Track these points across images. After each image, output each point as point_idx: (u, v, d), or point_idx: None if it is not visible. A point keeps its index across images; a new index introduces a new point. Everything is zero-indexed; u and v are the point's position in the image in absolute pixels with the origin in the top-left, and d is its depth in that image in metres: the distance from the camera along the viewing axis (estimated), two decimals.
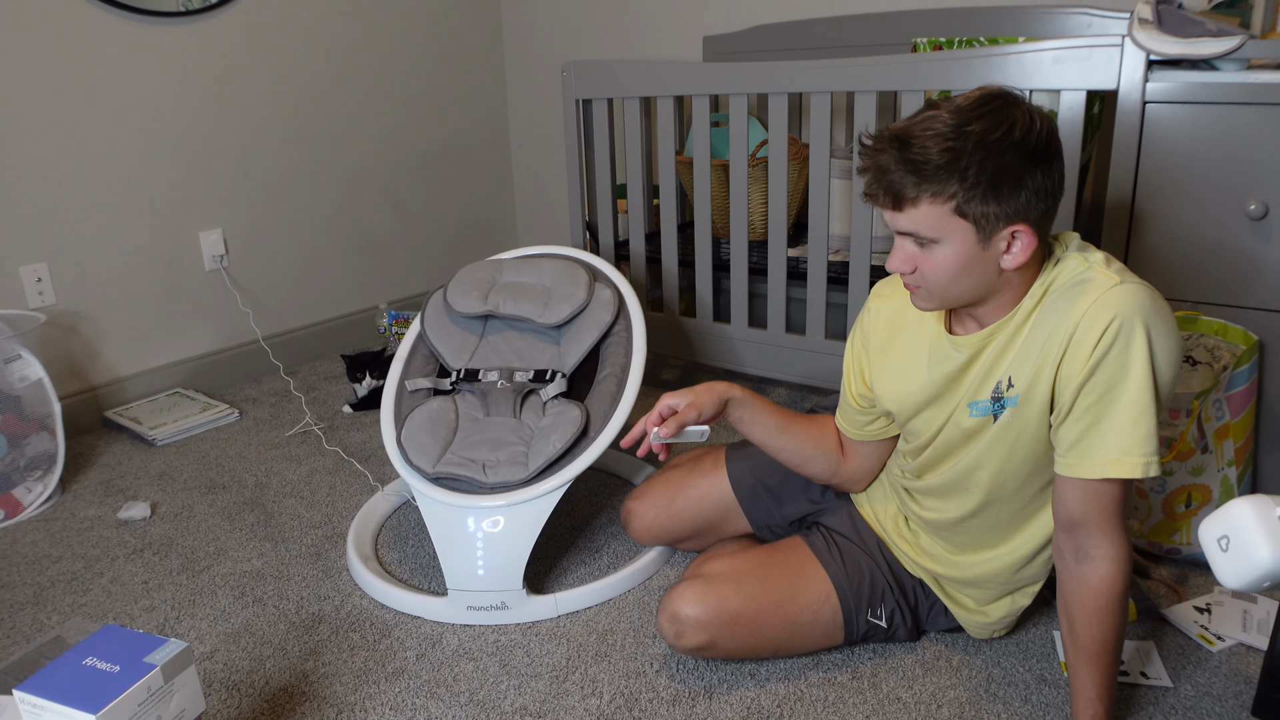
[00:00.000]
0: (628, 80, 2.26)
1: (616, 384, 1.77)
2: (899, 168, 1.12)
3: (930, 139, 1.10)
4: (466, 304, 1.90)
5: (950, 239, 1.14)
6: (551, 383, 1.80)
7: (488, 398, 1.79)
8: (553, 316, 1.86)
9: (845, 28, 2.49)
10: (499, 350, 1.89)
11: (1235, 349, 1.63)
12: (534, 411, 1.77)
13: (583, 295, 1.87)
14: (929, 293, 1.20)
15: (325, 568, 1.78)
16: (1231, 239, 1.66)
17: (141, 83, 2.43)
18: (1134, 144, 1.70)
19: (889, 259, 1.21)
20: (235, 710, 1.40)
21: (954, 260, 1.15)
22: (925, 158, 1.10)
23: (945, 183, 1.10)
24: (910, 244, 1.18)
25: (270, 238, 2.80)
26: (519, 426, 1.73)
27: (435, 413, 1.75)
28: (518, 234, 3.62)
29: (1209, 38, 1.61)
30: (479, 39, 3.30)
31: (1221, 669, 1.42)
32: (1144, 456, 1.13)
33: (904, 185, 1.12)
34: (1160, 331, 1.12)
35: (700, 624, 1.37)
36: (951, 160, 1.09)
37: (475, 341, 1.90)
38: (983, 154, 1.09)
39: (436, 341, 1.89)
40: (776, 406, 1.49)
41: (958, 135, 1.09)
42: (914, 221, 1.14)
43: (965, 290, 1.19)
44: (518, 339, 1.90)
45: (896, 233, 1.18)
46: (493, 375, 1.82)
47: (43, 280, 2.32)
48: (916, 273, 1.19)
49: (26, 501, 2.03)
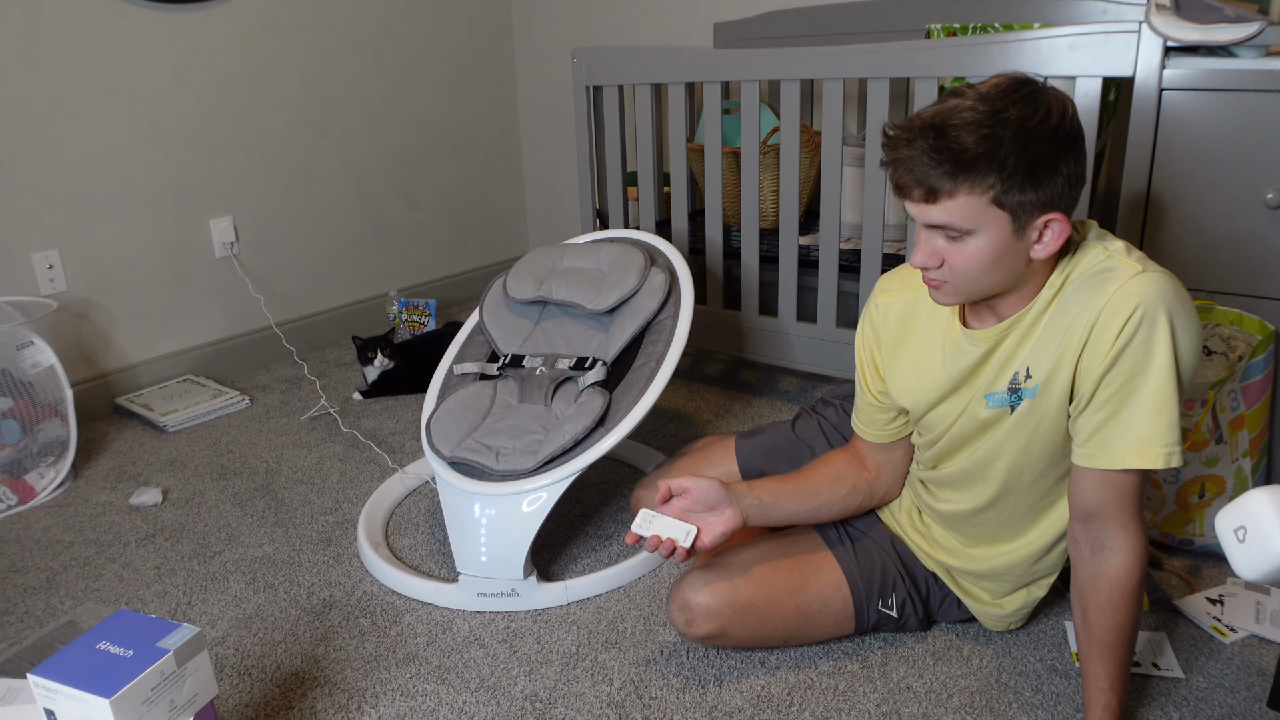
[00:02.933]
0: (638, 67, 2.24)
1: (648, 375, 1.73)
2: (933, 158, 1.06)
3: (965, 128, 1.05)
4: (521, 290, 1.90)
5: (985, 230, 1.09)
6: (591, 370, 1.77)
7: (524, 384, 1.79)
8: (602, 303, 1.83)
9: (858, 14, 2.47)
10: (549, 337, 1.88)
11: (1251, 339, 1.61)
12: (565, 399, 1.76)
13: (633, 281, 1.83)
14: (954, 287, 1.16)
15: (336, 554, 1.78)
16: (1248, 228, 1.65)
17: (153, 70, 2.43)
18: (1150, 132, 1.68)
19: (913, 254, 1.15)
20: (247, 695, 1.41)
21: (987, 252, 1.10)
22: (962, 147, 1.04)
23: (984, 173, 1.05)
24: (939, 237, 1.12)
25: (280, 225, 2.80)
26: (546, 414, 1.73)
27: (469, 397, 1.76)
28: (527, 221, 3.61)
29: (1227, 24, 1.59)
30: (489, 26, 3.29)
31: (1234, 661, 1.41)
32: (1166, 447, 1.11)
33: (939, 177, 1.06)
34: (1183, 321, 1.10)
35: (711, 612, 1.37)
36: (991, 149, 1.04)
37: (529, 328, 1.90)
38: (1022, 141, 1.05)
39: (492, 328, 1.90)
40: (780, 477, 1.44)
41: (995, 122, 1.05)
42: (949, 214, 1.08)
43: (993, 283, 1.14)
44: (569, 325, 1.89)
45: (926, 226, 1.13)
46: (536, 361, 1.82)
47: (54, 267, 2.33)
48: (944, 267, 1.14)
49: (39, 487, 2.04)
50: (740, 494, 1.37)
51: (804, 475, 1.45)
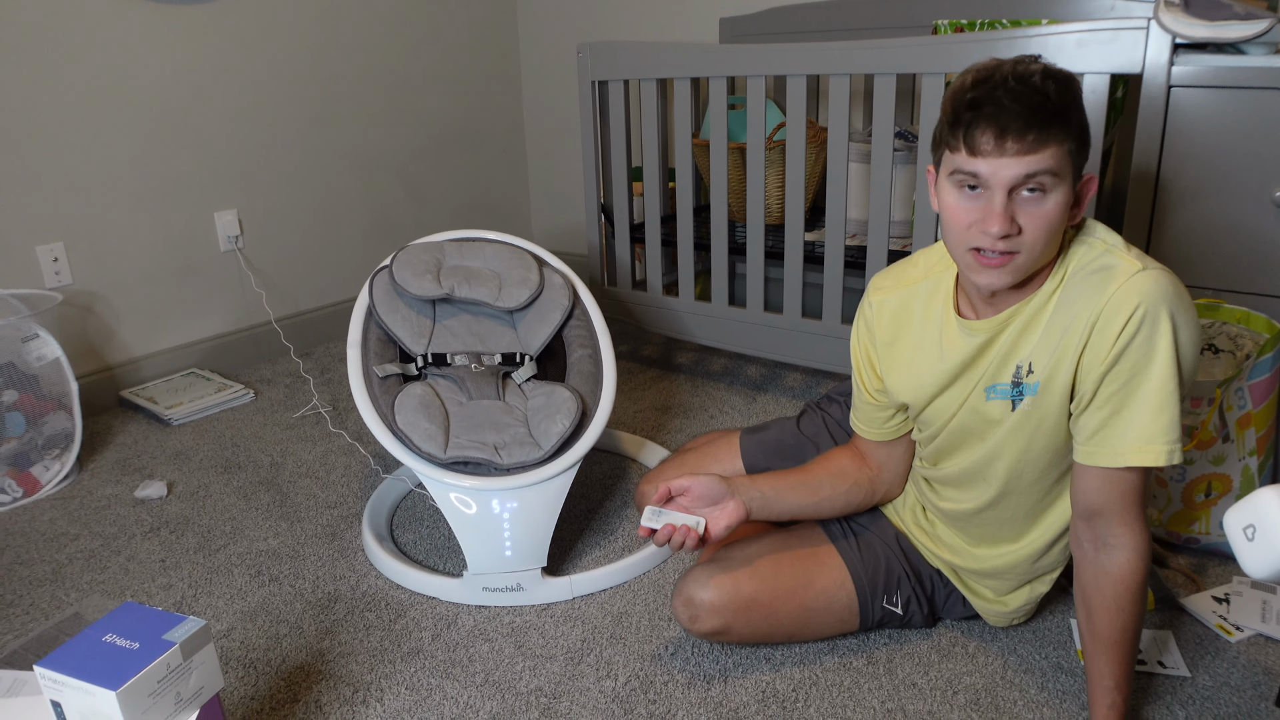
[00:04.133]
0: (644, 62, 2.24)
1: (593, 364, 1.82)
2: (1034, 104, 1.05)
3: (1043, 80, 1.06)
4: (420, 286, 1.86)
5: (1064, 184, 1.09)
6: (523, 366, 1.84)
7: (465, 381, 1.79)
8: (510, 300, 1.88)
9: (864, 9, 2.46)
10: (457, 334, 1.88)
11: (1258, 337, 1.61)
12: (515, 394, 1.78)
13: (536, 279, 1.92)
14: (1026, 258, 1.11)
15: (341, 548, 1.78)
16: (1256, 226, 1.64)
17: (157, 63, 2.43)
18: (1158, 129, 1.68)
19: (990, 219, 1.08)
20: (252, 688, 1.41)
21: (1060, 209, 1.09)
22: (1056, 95, 1.06)
23: (1070, 121, 1.07)
24: (1018, 200, 1.08)
25: (285, 219, 2.80)
26: (508, 408, 1.73)
27: (423, 397, 1.72)
28: (531, 216, 3.61)
29: (1236, 20, 1.59)
30: (494, 21, 3.28)
31: (1240, 659, 1.41)
32: (1168, 444, 1.12)
33: (1044, 121, 1.05)
34: (1184, 319, 1.11)
35: (715, 608, 1.37)
36: (1072, 100, 1.07)
37: (429, 325, 1.89)
38: (1080, 99, 1.09)
39: (392, 324, 1.85)
40: (782, 471, 1.45)
41: (1061, 79, 1.07)
42: (1046, 161, 1.06)
43: (1050, 250, 1.13)
44: (473, 322, 1.91)
45: (1002, 184, 1.07)
46: (462, 359, 1.82)
47: (59, 260, 2.33)
48: (1021, 233, 1.09)
49: (44, 480, 2.04)
50: (742, 487, 1.38)
51: (806, 470, 1.45)
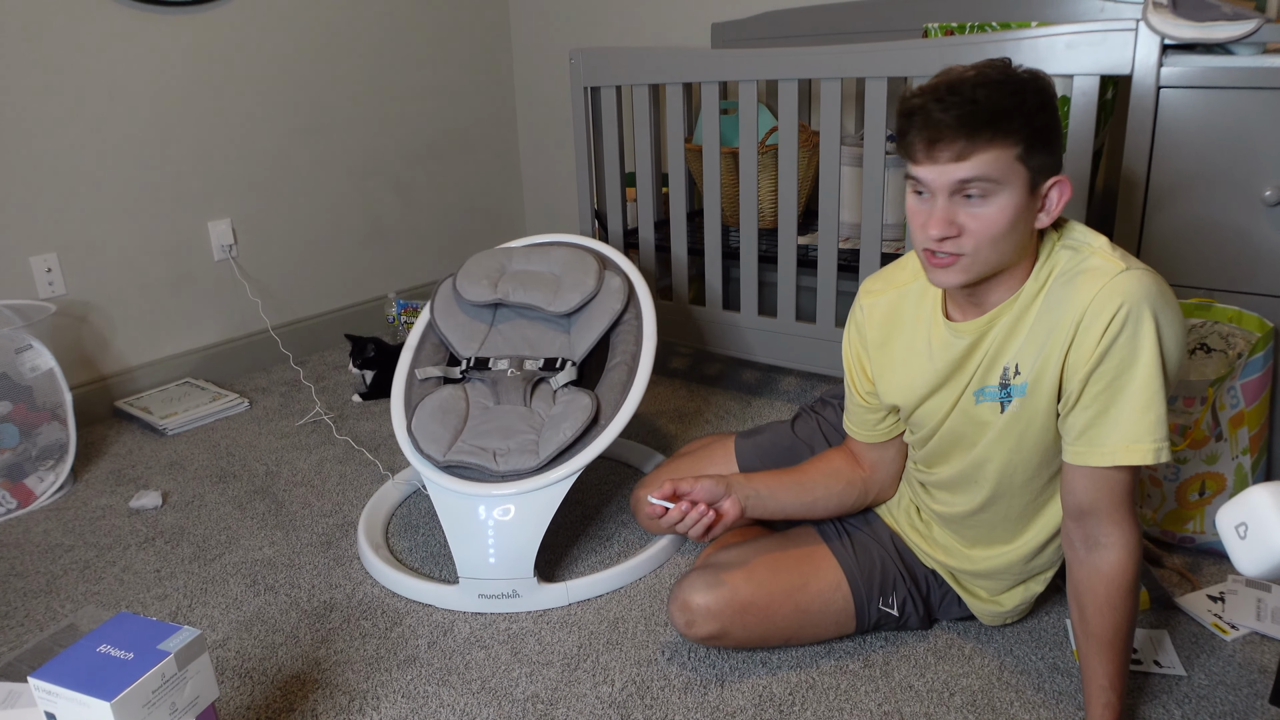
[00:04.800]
0: (636, 67, 2.24)
1: (627, 372, 1.76)
2: (962, 113, 1.07)
3: (992, 85, 1.08)
4: (476, 292, 1.89)
5: (1009, 188, 1.10)
6: (561, 371, 1.80)
7: (498, 386, 1.79)
8: (562, 305, 1.85)
9: (855, 13, 2.47)
10: (509, 339, 1.88)
11: (1250, 336, 1.61)
12: (544, 400, 1.77)
13: (592, 283, 1.86)
14: (968, 260, 1.13)
15: (336, 556, 1.78)
16: (1246, 226, 1.65)
17: (150, 72, 2.43)
18: (1148, 129, 1.68)
19: (930, 223, 1.12)
20: (248, 697, 1.41)
21: (1009, 213, 1.10)
22: (994, 102, 1.07)
23: (1010, 127, 1.08)
24: (958, 204, 1.11)
25: (279, 227, 2.80)
26: (529, 415, 1.73)
27: (445, 401, 1.75)
28: (525, 222, 3.61)
29: (1225, 21, 1.59)
30: (486, 26, 3.29)
31: (1235, 658, 1.41)
32: (1154, 443, 1.12)
33: (973, 130, 1.07)
34: (1167, 318, 1.11)
35: (711, 613, 1.37)
36: (1017, 104, 1.08)
37: (485, 330, 1.90)
38: (1039, 99, 1.10)
39: (446, 330, 1.89)
40: (777, 470, 1.46)
41: (1015, 82, 1.09)
42: (981, 167, 1.08)
43: (1005, 254, 1.14)
44: (527, 327, 1.90)
45: (944, 189, 1.11)
46: (503, 364, 1.82)
47: (53, 270, 2.33)
48: (962, 236, 1.12)
49: (38, 491, 2.04)
50: (738, 485, 1.39)
51: (800, 470, 1.46)
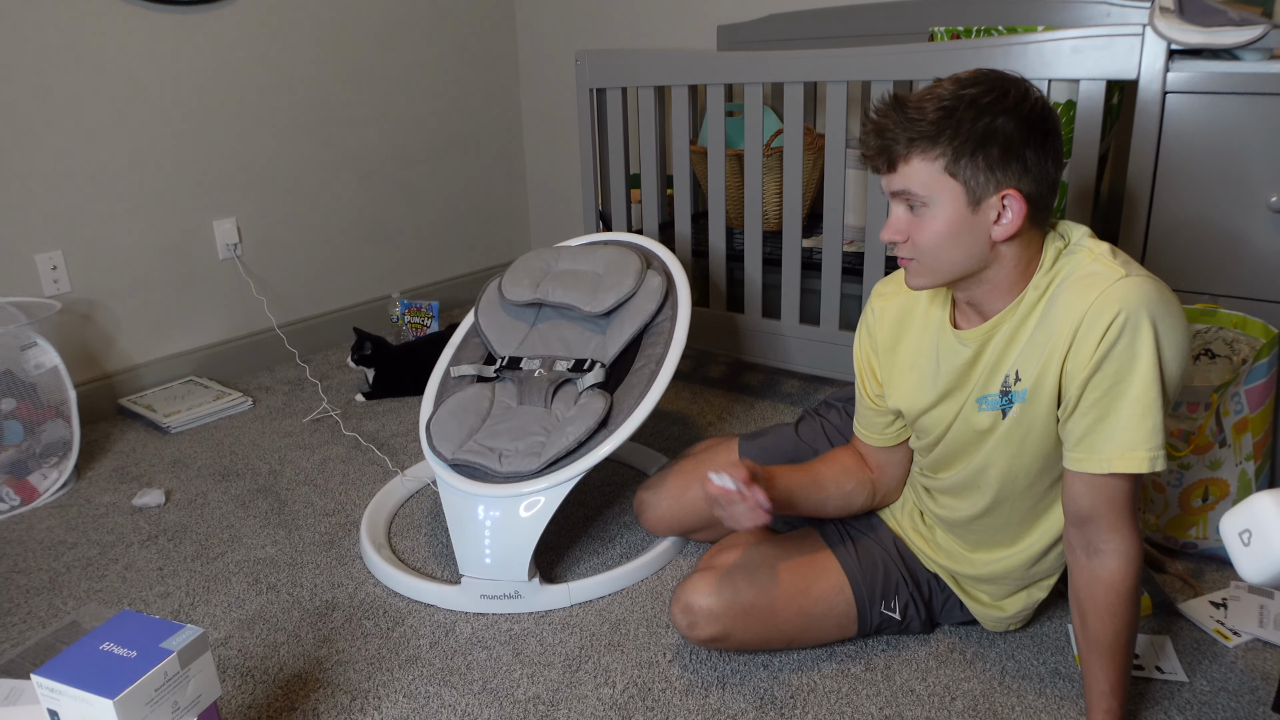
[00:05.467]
0: (642, 69, 2.24)
1: (648, 377, 1.73)
2: (894, 127, 1.13)
3: (927, 101, 1.13)
4: (517, 292, 1.90)
5: (940, 201, 1.14)
6: (590, 372, 1.78)
7: (523, 386, 1.79)
8: (598, 305, 1.83)
9: (861, 16, 2.47)
10: (546, 339, 1.89)
11: (1255, 342, 1.61)
12: (565, 401, 1.76)
13: (630, 284, 1.83)
14: (920, 265, 1.19)
15: (339, 555, 1.78)
16: (1252, 231, 1.65)
17: (156, 72, 2.43)
18: (1154, 134, 1.68)
19: (883, 229, 1.20)
20: (250, 696, 1.41)
21: (944, 224, 1.14)
22: (920, 115, 1.12)
23: (935, 139, 1.11)
24: (903, 210, 1.18)
25: (283, 226, 2.80)
26: (546, 416, 1.73)
27: (468, 399, 1.76)
28: (530, 223, 3.61)
29: (1231, 27, 1.59)
30: (492, 27, 3.29)
31: (1237, 664, 1.41)
32: (1150, 451, 1.12)
33: (897, 142, 1.13)
34: (1167, 325, 1.10)
35: (713, 615, 1.37)
36: (943, 117, 1.11)
37: (525, 330, 1.90)
38: (974, 113, 1.10)
39: (488, 330, 1.90)
40: (790, 466, 1.45)
41: (953, 98, 1.12)
42: (905, 179, 1.14)
43: (957, 261, 1.17)
44: (566, 328, 1.89)
45: (891, 198, 1.19)
46: (533, 364, 1.82)
47: (58, 268, 2.33)
48: (909, 242, 1.18)
49: (42, 488, 2.04)
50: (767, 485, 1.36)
51: (812, 468, 1.46)
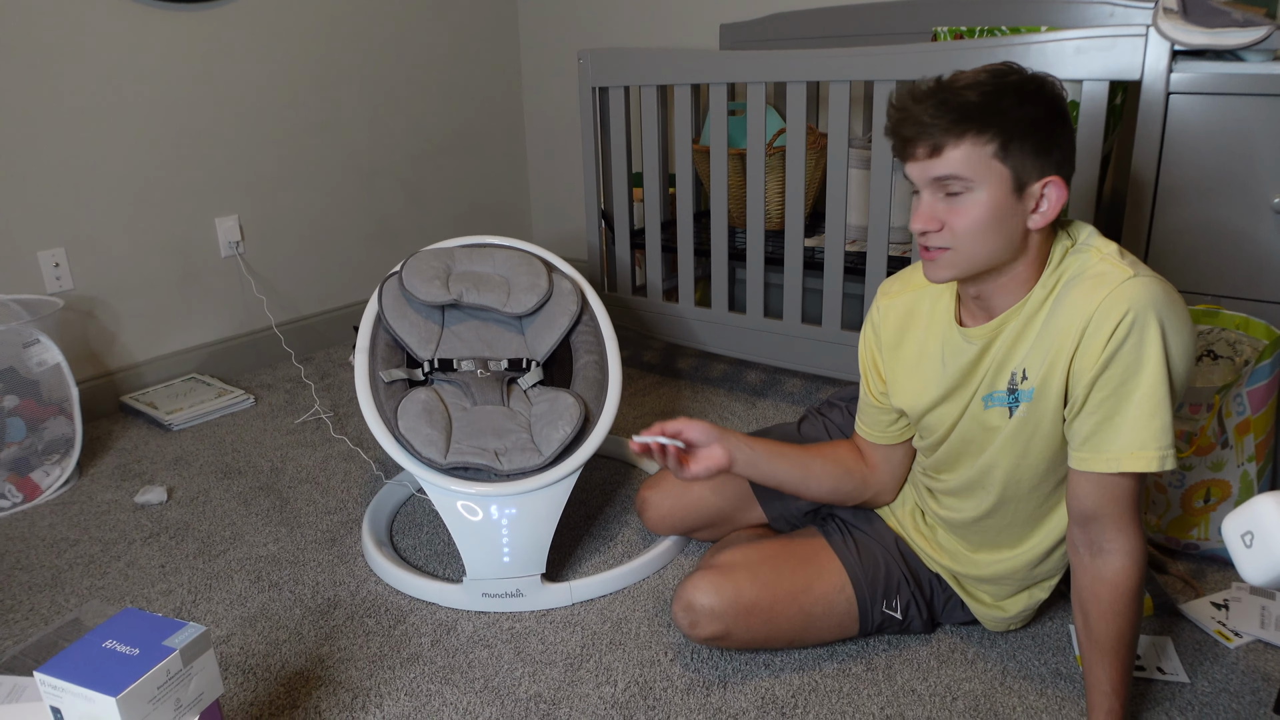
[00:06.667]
0: (644, 68, 2.24)
1: (599, 370, 1.81)
2: (938, 112, 1.10)
3: (967, 87, 1.10)
4: (428, 292, 1.86)
5: (986, 185, 1.11)
6: (528, 371, 1.83)
7: (470, 387, 1.79)
8: (518, 306, 1.88)
9: (864, 16, 2.47)
10: (465, 340, 1.89)
11: (1257, 343, 1.61)
12: (519, 400, 1.78)
13: (545, 285, 1.90)
14: (954, 255, 1.15)
15: (340, 553, 1.78)
16: (1255, 232, 1.64)
17: (158, 69, 2.43)
18: (1157, 135, 1.68)
19: (913, 218, 1.16)
20: (252, 694, 1.41)
21: (988, 210, 1.12)
22: (966, 100, 1.09)
23: (986, 124, 1.09)
24: (939, 199, 1.14)
25: (285, 225, 2.80)
26: (512, 414, 1.73)
27: (426, 403, 1.73)
28: (532, 222, 3.61)
29: (1235, 28, 1.59)
30: (494, 26, 3.29)
31: (1239, 665, 1.41)
32: (1160, 450, 1.12)
33: (944, 127, 1.10)
34: (1174, 325, 1.11)
35: (715, 614, 1.37)
36: (992, 102, 1.09)
37: (438, 330, 1.90)
38: (1019, 99, 1.10)
39: (400, 330, 1.86)
40: (780, 442, 1.45)
41: (997, 84, 1.10)
42: (953, 165, 1.10)
43: (991, 250, 1.15)
44: (481, 328, 1.91)
45: (928, 186, 1.14)
46: (468, 364, 1.83)
47: (60, 265, 2.33)
48: (944, 230, 1.14)
49: (44, 485, 2.04)
50: (732, 440, 1.39)
51: (802, 447, 1.47)
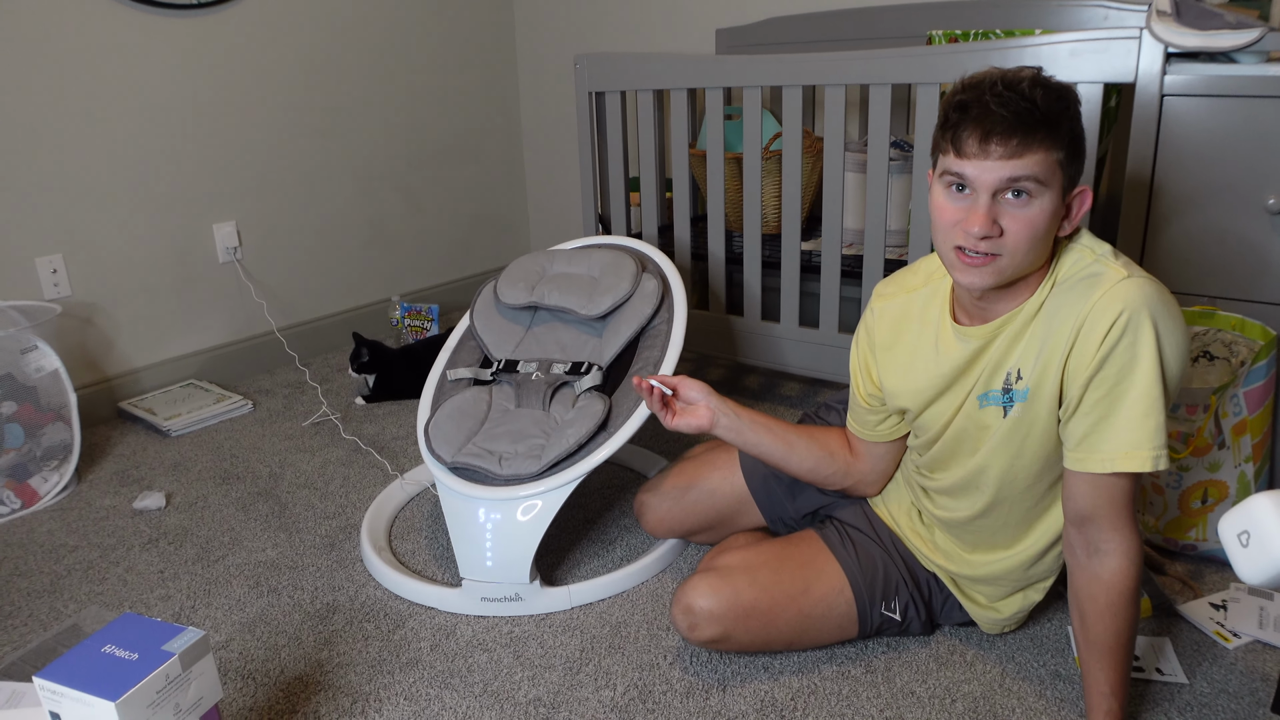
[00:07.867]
0: (641, 73, 2.25)
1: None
2: (1020, 110, 1.07)
3: (1034, 87, 1.08)
4: (513, 295, 1.90)
5: (1050, 191, 1.10)
6: (586, 375, 1.78)
7: (520, 389, 1.79)
8: (595, 308, 1.84)
9: (859, 20, 2.48)
10: (542, 342, 1.89)
11: (1253, 344, 1.62)
12: (563, 404, 1.76)
13: (626, 287, 1.83)
14: (1003, 262, 1.12)
15: (339, 558, 1.78)
16: (1250, 234, 1.65)
17: (156, 75, 2.44)
18: (1151, 137, 1.69)
19: (971, 219, 1.11)
20: (251, 699, 1.41)
21: (1046, 216, 1.11)
22: (1046, 104, 1.07)
23: (1057, 132, 1.08)
24: (998, 202, 1.10)
25: (283, 230, 2.80)
26: (545, 419, 1.73)
27: (466, 402, 1.76)
28: (530, 227, 3.62)
29: (1228, 30, 1.60)
30: (491, 31, 3.30)
31: (1237, 666, 1.41)
32: (1154, 450, 1.13)
33: (1030, 127, 1.07)
34: (1167, 325, 1.11)
35: (714, 616, 1.37)
36: (1062, 110, 1.09)
37: (521, 333, 1.90)
38: (1076, 110, 1.11)
39: (483, 332, 1.90)
40: (768, 416, 1.48)
41: (1055, 88, 1.09)
42: (1031, 166, 1.08)
43: (1034, 259, 1.14)
44: (562, 331, 1.90)
45: (988, 187, 1.09)
46: (530, 366, 1.82)
47: (58, 272, 2.33)
48: (1003, 235, 1.11)
49: (43, 491, 2.04)
50: (720, 405, 1.43)
51: (791, 425, 1.50)
